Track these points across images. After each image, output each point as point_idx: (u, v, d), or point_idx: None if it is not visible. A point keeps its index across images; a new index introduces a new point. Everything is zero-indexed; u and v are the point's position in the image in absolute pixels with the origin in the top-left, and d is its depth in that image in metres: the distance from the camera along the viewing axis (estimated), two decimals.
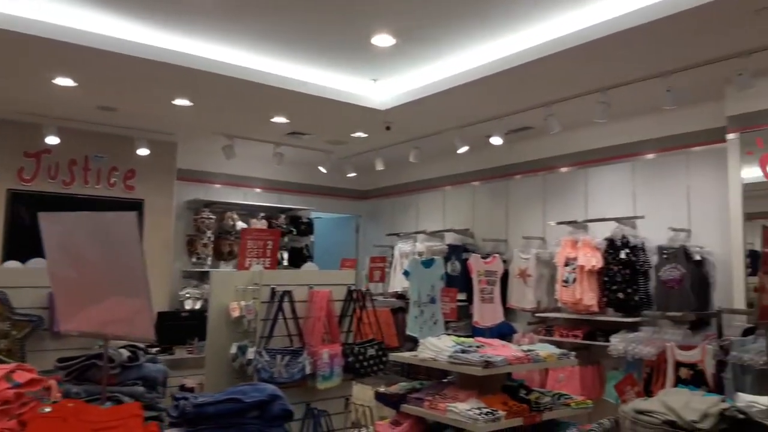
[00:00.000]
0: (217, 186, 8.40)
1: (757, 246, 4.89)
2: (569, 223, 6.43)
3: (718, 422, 1.46)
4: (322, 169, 7.87)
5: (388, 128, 6.51)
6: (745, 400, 1.89)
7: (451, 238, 7.85)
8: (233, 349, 3.74)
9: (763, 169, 4.90)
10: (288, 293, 3.76)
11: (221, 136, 6.98)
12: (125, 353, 2.77)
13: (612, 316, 5.80)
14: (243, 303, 3.77)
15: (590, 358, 5.90)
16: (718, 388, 3.41)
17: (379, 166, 7.55)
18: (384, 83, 5.88)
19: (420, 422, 3.79)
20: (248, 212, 8.36)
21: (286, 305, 3.75)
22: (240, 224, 8.04)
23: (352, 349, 3.78)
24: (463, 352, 3.71)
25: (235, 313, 3.80)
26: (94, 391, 2.53)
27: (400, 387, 3.98)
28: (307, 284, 3.87)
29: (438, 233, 8.01)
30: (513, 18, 4.47)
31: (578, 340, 5.91)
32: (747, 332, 4.14)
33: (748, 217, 4.90)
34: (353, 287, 4.02)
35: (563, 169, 6.87)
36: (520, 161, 7.30)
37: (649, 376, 3.80)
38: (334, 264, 6.44)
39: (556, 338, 6.04)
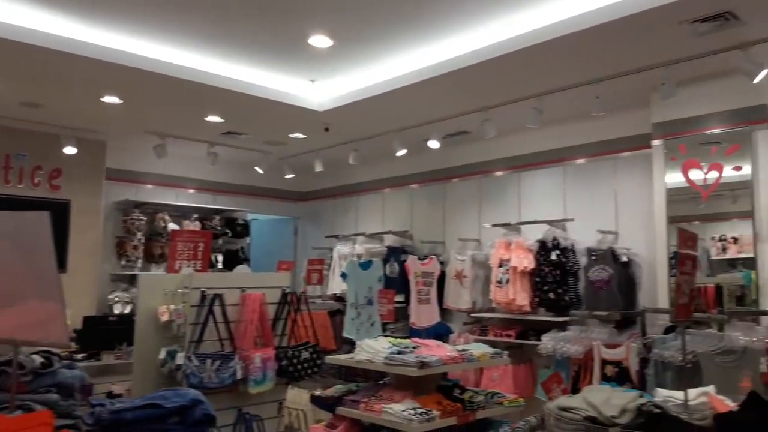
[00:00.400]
0: (149, 186, 8.12)
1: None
2: (503, 226, 6.56)
3: (635, 417, 1.51)
4: (259, 170, 7.74)
5: (326, 129, 6.47)
6: (662, 395, 1.96)
7: (390, 240, 7.87)
8: (162, 354, 3.62)
9: (685, 175, 5.14)
10: (219, 296, 3.67)
11: (152, 134, 6.76)
12: (38, 359, 2.62)
13: (543, 316, 5.95)
14: (172, 307, 3.66)
15: (523, 357, 6.03)
16: (642, 385, 3.55)
17: (318, 168, 7.49)
18: (322, 84, 5.84)
19: (355, 424, 3.77)
20: (181, 213, 8.12)
21: (217, 309, 3.65)
22: (172, 226, 7.81)
23: (285, 352, 3.72)
24: (399, 353, 3.71)
25: (164, 317, 3.68)
26: (3, 399, 2.38)
27: (336, 390, 3.95)
28: (239, 287, 3.79)
29: (377, 235, 8.02)
30: (450, 23, 4.53)
31: (511, 340, 6.04)
32: (668, 330, 4.32)
33: (672, 220, 5.12)
34: (288, 290, 3.96)
35: (498, 173, 7.00)
36: (457, 165, 7.40)
37: (577, 374, 3.92)
38: (271, 267, 6.34)
39: (491, 338, 6.14)
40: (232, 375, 3.47)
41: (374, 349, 3.80)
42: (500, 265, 6.15)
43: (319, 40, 4.76)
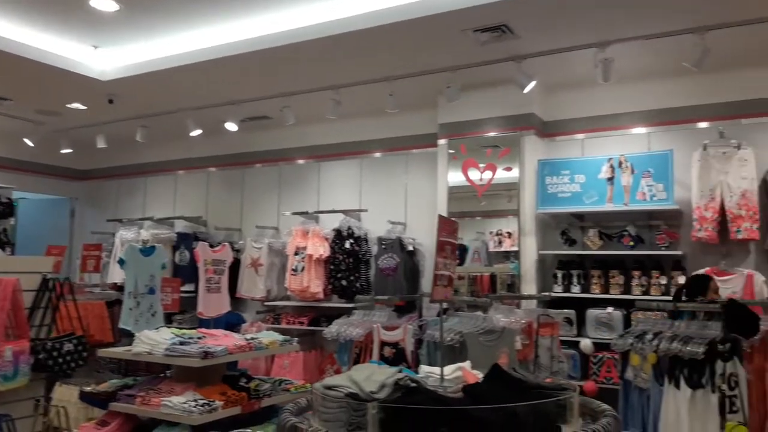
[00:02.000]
0: None
1: (464, 241, 5.60)
2: (302, 214, 6.59)
3: (393, 391, 1.57)
4: (29, 143, 6.84)
5: (110, 102, 5.90)
6: (425, 371, 2.09)
7: (181, 226, 7.46)
8: None
9: (465, 173, 5.61)
10: None
11: None
12: None
13: (336, 303, 6.10)
14: None
15: (314, 344, 6.12)
16: (416, 364, 3.81)
17: (101, 144, 6.82)
18: (106, 52, 5.32)
19: (130, 420, 3.52)
20: None
21: None
22: None
23: (44, 345, 3.32)
24: (182, 344, 3.57)
25: None
26: None
27: (110, 384, 3.67)
28: None
29: (167, 220, 7.55)
30: (246, 2, 4.39)
31: (304, 327, 6.10)
32: (441, 313, 4.70)
33: (453, 215, 5.54)
34: (50, 276, 3.53)
35: (299, 161, 7.01)
36: (257, 150, 7.26)
37: (357, 356, 4.09)
38: (41, 252, 5.64)
39: (283, 326, 6.14)
40: None
41: (154, 340, 3.59)
42: (296, 253, 6.17)
43: (103, 3, 4.33)
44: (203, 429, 3.23)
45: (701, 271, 4.68)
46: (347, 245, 6.03)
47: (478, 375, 2.01)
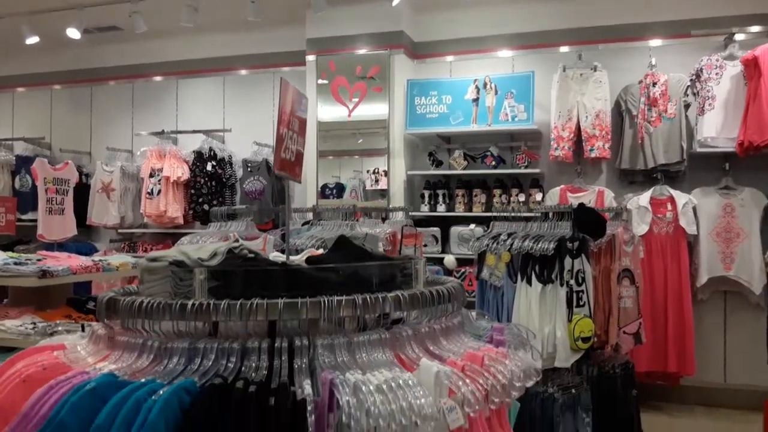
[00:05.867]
0: None
1: (342, 179, 5.50)
2: (158, 134, 6.10)
3: (227, 259, 1.40)
4: None
5: None
6: (272, 255, 1.94)
7: (21, 149, 6.67)
8: None
9: (334, 92, 5.41)
10: None
11: None
12: None
13: (198, 229, 5.76)
14: None
15: None
16: None
17: None
18: None
19: None
20: None
21: None
22: None
23: None
24: (17, 264, 3.25)
25: None
26: None
27: None
28: None
29: (4, 142, 6.71)
30: None
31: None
32: (305, 224, 4.59)
33: (324, 153, 5.39)
34: None
35: (155, 78, 6.44)
36: (107, 66, 6.57)
37: None
38: None
39: (141, 254, 5.73)
40: None
41: None
42: (152, 175, 5.73)
43: None
44: None
45: (557, 189, 4.92)
46: (209, 168, 5.68)
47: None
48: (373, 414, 1.11)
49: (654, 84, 4.59)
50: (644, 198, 4.60)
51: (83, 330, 2.24)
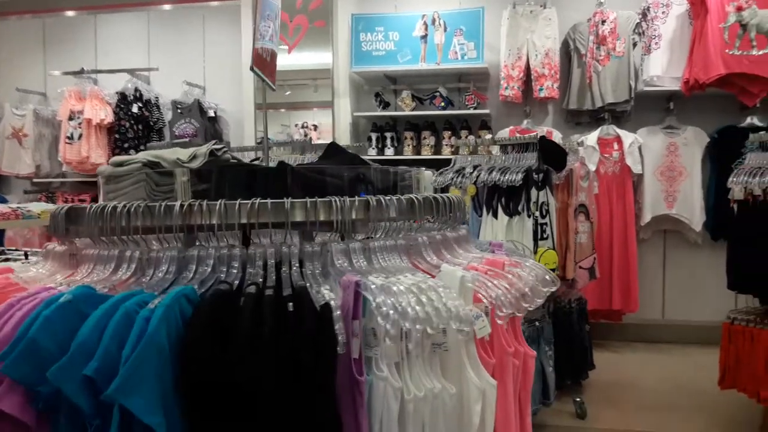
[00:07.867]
0: None
1: (270, 134, 5.15)
2: (76, 74, 5.53)
3: (209, 162, 1.17)
4: None
5: None
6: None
7: None
8: None
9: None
10: None
11: None
12: None
13: None
14: None
15: None
16: None
17: None
18: None
19: None
20: None
21: None
22: None
23: None
24: None
25: None
26: None
27: None
28: None
29: None
30: None
31: (85, 205, 5.27)
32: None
33: (259, 105, 5.03)
34: None
35: (69, 13, 5.81)
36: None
37: None
38: None
39: (60, 205, 5.25)
40: None
41: None
42: (71, 118, 5.22)
43: None
44: None
45: (506, 130, 4.85)
46: (135, 109, 5.23)
47: None
48: (410, 316, 0.95)
49: (603, 22, 4.55)
50: (591, 138, 4.60)
51: (26, 258, 1.95)
